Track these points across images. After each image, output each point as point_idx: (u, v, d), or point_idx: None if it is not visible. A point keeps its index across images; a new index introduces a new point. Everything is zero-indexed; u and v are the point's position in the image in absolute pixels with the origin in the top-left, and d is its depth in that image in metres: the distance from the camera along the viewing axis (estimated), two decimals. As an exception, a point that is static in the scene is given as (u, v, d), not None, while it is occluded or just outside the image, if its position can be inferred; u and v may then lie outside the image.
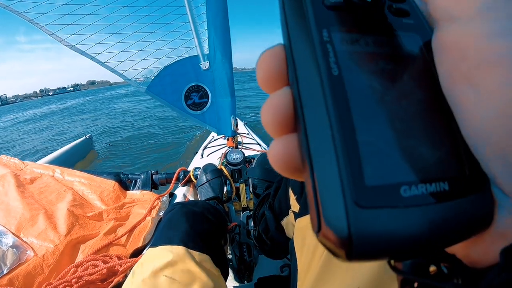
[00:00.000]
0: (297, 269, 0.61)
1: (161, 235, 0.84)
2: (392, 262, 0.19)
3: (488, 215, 0.18)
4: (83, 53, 1.92)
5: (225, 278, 0.85)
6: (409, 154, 0.18)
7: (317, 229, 0.18)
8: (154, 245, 0.81)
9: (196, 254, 0.77)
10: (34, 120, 18.24)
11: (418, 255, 0.18)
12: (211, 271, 0.76)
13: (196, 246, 0.79)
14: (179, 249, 0.76)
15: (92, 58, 1.95)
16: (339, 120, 0.17)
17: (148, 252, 0.80)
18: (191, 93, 2.10)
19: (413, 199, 0.17)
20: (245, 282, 1.15)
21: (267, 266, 1.27)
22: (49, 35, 1.87)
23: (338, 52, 0.19)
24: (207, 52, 2.08)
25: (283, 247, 0.91)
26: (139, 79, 2.05)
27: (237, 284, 1.18)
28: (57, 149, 4.28)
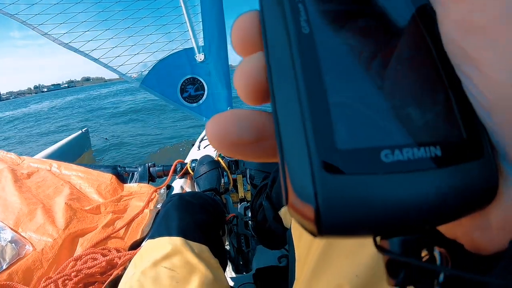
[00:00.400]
0: (295, 259, 0.61)
1: (160, 226, 0.85)
2: (377, 240, 0.17)
3: (490, 187, 0.16)
4: (76, 50, 1.92)
5: (224, 269, 0.86)
6: (392, 115, 0.16)
7: (285, 199, 0.16)
8: (153, 236, 0.81)
9: (194, 245, 0.77)
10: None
11: (402, 232, 0.16)
12: (210, 262, 0.76)
13: (194, 237, 0.79)
14: (178, 240, 0.77)
15: (86, 55, 1.95)
16: (305, 79, 0.16)
17: (147, 244, 0.80)
18: (186, 85, 2.09)
19: (397, 165, 0.15)
20: (244, 273, 1.15)
21: (265, 257, 1.27)
22: (42, 35, 1.86)
23: (311, 11, 0.17)
24: (202, 44, 2.07)
25: (281, 237, 0.91)
26: (133, 74, 2.04)
27: (236, 275, 1.19)
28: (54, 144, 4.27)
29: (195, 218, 0.86)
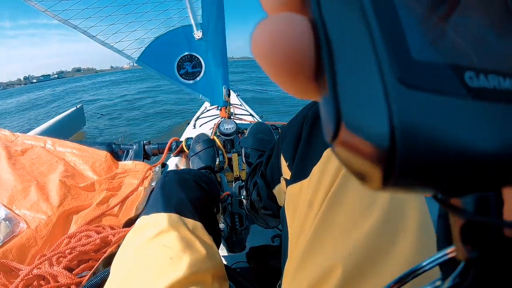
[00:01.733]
0: (288, 237, 0.61)
1: (154, 202, 0.84)
2: (438, 195, 0.14)
3: None
4: (75, 27, 1.91)
5: (217, 246, 0.86)
6: (472, 35, 0.12)
7: (333, 133, 0.12)
8: (147, 213, 0.80)
9: (189, 221, 0.77)
10: None
11: (486, 184, 0.12)
12: (204, 238, 0.76)
13: (189, 213, 0.79)
14: (172, 216, 0.76)
15: (84, 32, 1.94)
16: None
17: (141, 220, 0.79)
18: (184, 62, 2.10)
19: (485, 93, 0.11)
20: (237, 251, 1.16)
21: (259, 236, 1.28)
22: (42, 11, 1.83)
23: None
24: (201, 22, 2.06)
25: (275, 216, 0.91)
26: (130, 50, 2.03)
27: (229, 254, 1.20)
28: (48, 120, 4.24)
29: (190, 195, 0.86)
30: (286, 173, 0.69)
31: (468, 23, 0.12)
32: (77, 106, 5.14)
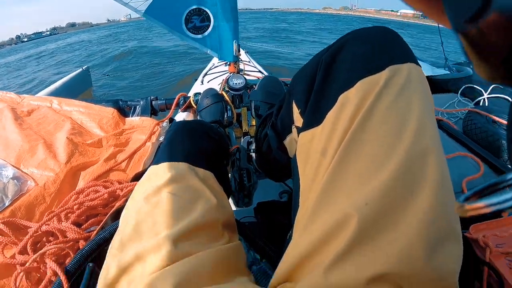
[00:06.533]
0: (299, 187, 0.59)
1: (164, 152, 0.81)
2: None
3: None
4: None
5: (228, 197, 0.84)
6: None
7: (477, 12, 0.13)
8: (157, 162, 0.78)
9: (199, 170, 0.75)
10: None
11: None
12: (214, 188, 0.74)
13: (199, 163, 0.76)
14: (182, 166, 0.74)
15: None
16: None
17: (150, 169, 0.77)
18: (192, 16, 2.04)
19: None
20: (244, 206, 1.14)
21: (266, 192, 1.26)
22: None
23: None
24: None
25: (285, 167, 0.88)
26: (137, 3, 1.96)
27: (236, 209, 1.18)
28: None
29: (200, 144, 0.83)
30: (298, 120, 0.66)
31: None
32: (83, 68, 5.09)
